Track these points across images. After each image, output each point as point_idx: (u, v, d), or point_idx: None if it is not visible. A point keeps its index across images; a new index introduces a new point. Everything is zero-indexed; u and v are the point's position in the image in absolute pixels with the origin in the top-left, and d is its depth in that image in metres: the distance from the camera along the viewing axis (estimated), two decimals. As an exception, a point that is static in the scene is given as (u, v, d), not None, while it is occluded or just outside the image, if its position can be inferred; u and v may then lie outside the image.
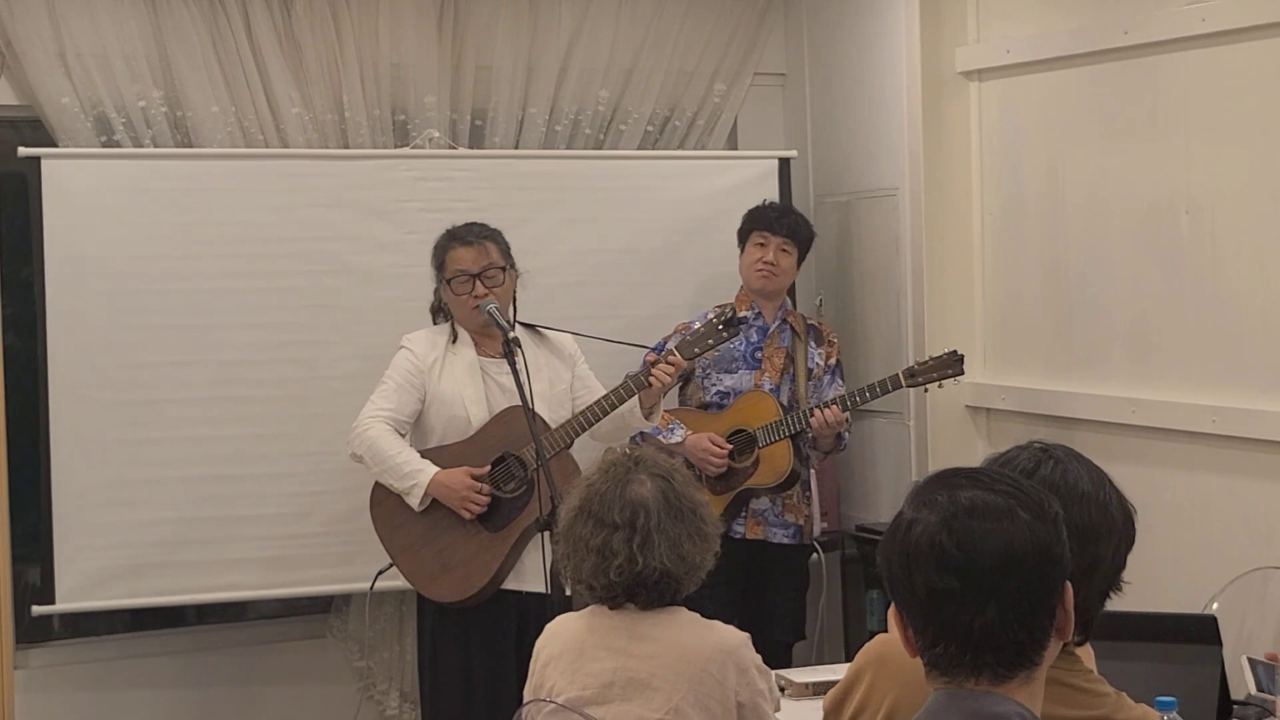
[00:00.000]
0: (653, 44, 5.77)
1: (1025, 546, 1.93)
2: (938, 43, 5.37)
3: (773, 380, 5.13)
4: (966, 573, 1.92)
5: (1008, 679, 1.95)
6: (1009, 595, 1.92)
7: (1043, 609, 1.95)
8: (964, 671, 1.95)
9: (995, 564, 1.92)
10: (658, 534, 3.01)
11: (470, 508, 4.51)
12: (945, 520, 1.94)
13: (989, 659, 1.94)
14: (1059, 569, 1.96)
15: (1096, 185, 4.91)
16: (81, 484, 4.90)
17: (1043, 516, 1.96)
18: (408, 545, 4.61)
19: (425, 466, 4.53)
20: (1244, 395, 4.44)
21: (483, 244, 4.62)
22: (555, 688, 3.06)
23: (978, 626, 1.93)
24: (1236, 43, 4.42)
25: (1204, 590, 4.17)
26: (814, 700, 3.49)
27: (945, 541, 1.93)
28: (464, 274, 4.58)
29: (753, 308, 5.17)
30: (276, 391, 5.08)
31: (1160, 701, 2.59)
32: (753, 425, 5.02)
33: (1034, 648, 1.95)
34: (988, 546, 1.93)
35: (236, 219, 5.06)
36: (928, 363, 4.99)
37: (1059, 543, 1.96)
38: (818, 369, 5.21)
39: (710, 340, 4.69)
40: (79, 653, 5.35)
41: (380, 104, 5.44)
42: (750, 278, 5.15)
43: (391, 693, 5.53)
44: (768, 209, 5.21)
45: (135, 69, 5.17)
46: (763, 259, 5.11)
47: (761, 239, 5.13)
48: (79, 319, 4.91)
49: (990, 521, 1.94)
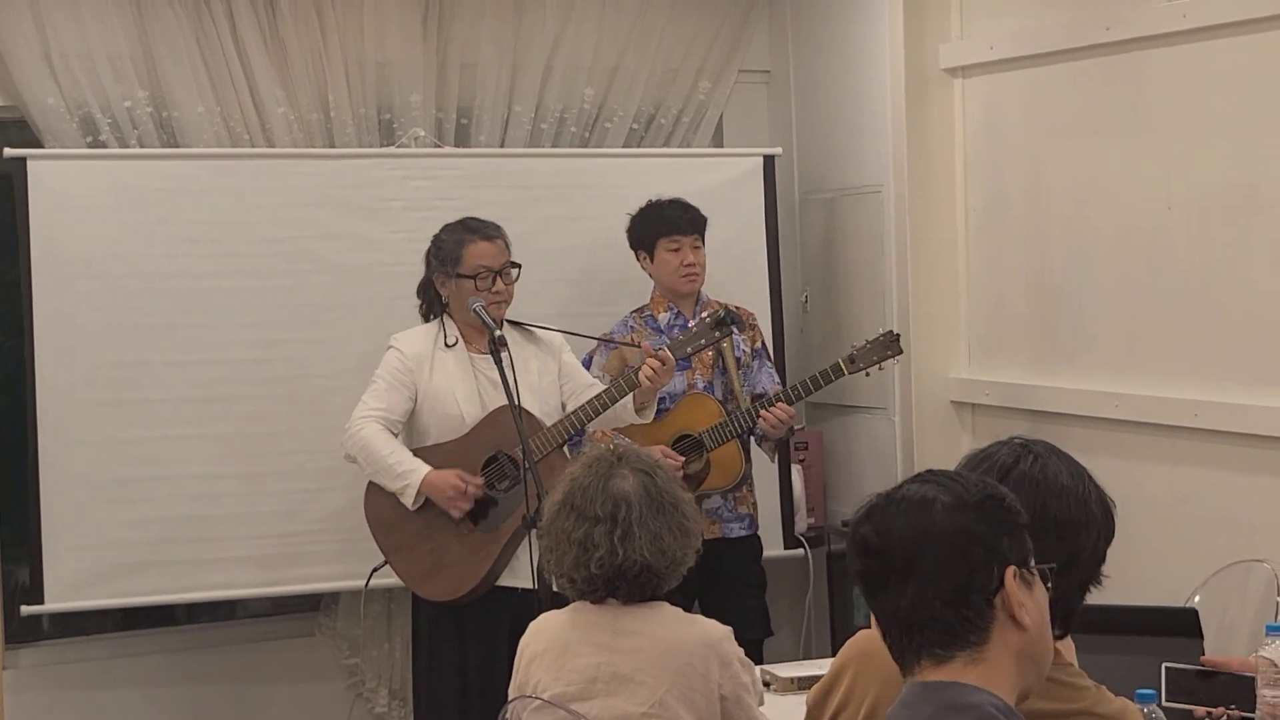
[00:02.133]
0: (638, 41, 5.78)
1: (938, 526, 2.01)
2: (921, 39, 5.38)
3: (705, 377, 5.09)
4: (880, 555, 2.04)
5: (947, 660, 2.01)
6: (924, 573, 2.00)
7: (970, 589, 2.00)
8: (910, 657, 2.04)
9: (905, 544, 2.02)
10: (639, 527, 3.02)
11: (460, 506, 4.52)
12: (870, 511, 2.07)
13: (920, 639, 2.02)
14: (984, 550, 2.01)
15: (1080, 181, 4.93)
16: (70, 483, 4.90)
17: (962, 503, 2.03)
18: (401, 544, 4.62)
19: (418, 466, 4.54)
20: (1226, 390, 4.46)
21: (500, 239, 4.64)
22: (540, 684, 3.08)
23: (903, 608, 2.02)
24: (1218, 38, 4.44)
25: (1185, 583, 4.20)
26: (799, 695, 3.50)
27: (866, 529, 2.06)
28: (487, 270, 4.58)
29: (670, 308, 5.12)
30: (264, 390, 5.08)
31: (1141, 694, 2.61)
32: (697, 429, 4.99)
33: (966, 628, 2.01)
34: (898, 527, 2.03)
35: (223, 219, 5.06)
36: (865, 346, 4.96)
37: (985, 526, 2.02)
38: (745, 356, 5.15)
39: (703, 340, 4.68)
40: (68, 652, 5.36)
41: (365, 103, 5.45)
42: (677, 284, 5.07)
43: (381, 690, 5.54)
44: (666, 210, 5.08)
45: (120, 69, 5.18)
46: (684, 262, 5.04)
47: (674, 244, 5.04)
48: (66, 319, 4.92)
49: (905, 506, 2.04)
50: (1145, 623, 3.24)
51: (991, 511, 2.04)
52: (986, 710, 1.95)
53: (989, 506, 2.04)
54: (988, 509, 2.04)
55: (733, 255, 5.48)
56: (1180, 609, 3.65)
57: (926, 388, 5.44)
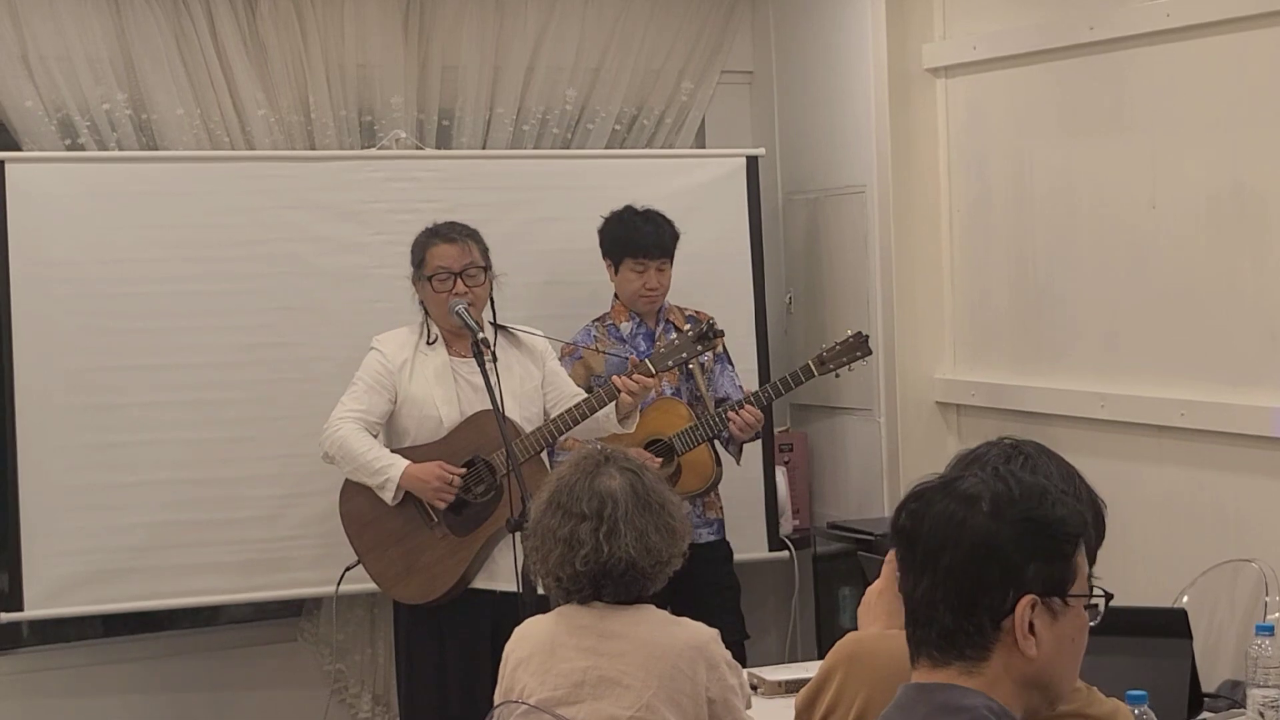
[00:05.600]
0: (619, 43, 5.77)
1: (965, 531, 1.95)
2: (904, 40, 5.38)
3: (671, 383, 5.05)
4: (907, 539, 1.99)
5: (943, 665, 1.97)
6: (938, 573, 1.95)
7: (978, 604, 1.94)
8: (913, 648, 2.01)
9: (929, 537, 1.96)
10: (625, 524, 3.01)
11: (445, 496, 4.50)
12: (920, 492, 2.01)
13: (922, 635, 1.99)
14: (1005, 571, 1.93)
15: (1063, 180, 4.93)
16: (49, 489, 4.87)
17: (999, 515, 1.95)
18: (374, 545, 4.61)
19: (396, 460, 4.52)
20: (1212, 389, 4.45)
21: (465, 242, 4.62)
22: (526, 689, 3.06)
23: (915, 598, 1.99)
24: (1201, 38, 4.44)
25: (1174, 583, 4.19)
26: (786, 698, 3.49)
27: (908, 509, 2.01)
28: (445, 271, 4.57)
29: (633, 317, 5.08)
30: (245, 394, 5.06)
31: (1131, 695, 2.60)
32: (667, 433, 4.96)
33: (964, 640, 1.95)
34: (930, 519, 1.97)
35: (203, 222, 5.03)
36: (835, 348, 4.94)
37: (1013, 545, 1.93)
38: (708, 361, 5.12)
39: (684, 354, 4.66)
40: (49, 659, 5.32)
41: (346, 105, 5.43)
42: (635, 303, 5.03)
43: (364, 696, 5.52)
44: (635, 227, 4.99)
45: (99, 72, 5.15)
46: (646, 285, 5.00)
47: (639, 266, 4.99)
48: (45, 323, 4.88)
49: (948, 499, 1.98)
50: (1134, 623, 3.22)
51: (1027, 534, 1.94)
52: (980, 714, 1.91)
53: (1026, 528, 1.94)
54: (1024, 530, 1.94)
55: (716, 257, 5.47)
56: (1169, 609, 3.65)
57: (911, 389, 5.43)
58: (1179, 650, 3.24)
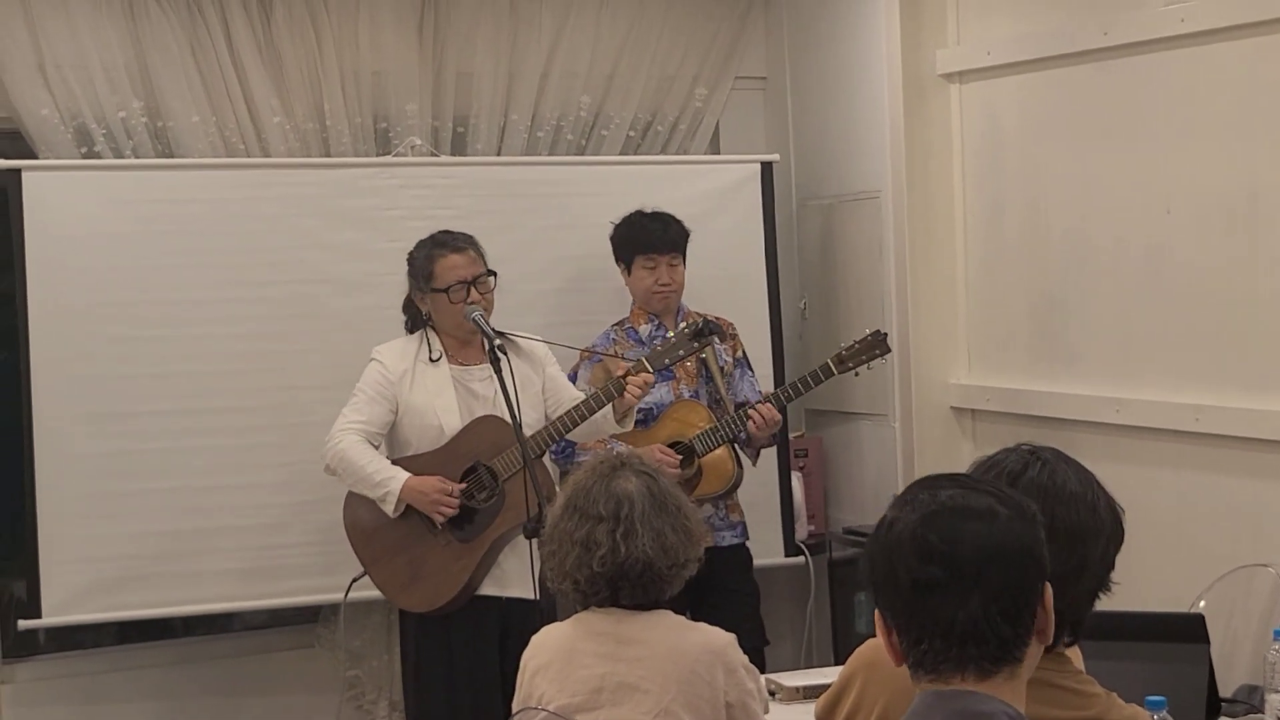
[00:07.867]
0: (633, 49, 5.77)
1: (1007, 541, 1.96)
2: (918, 45, 5.38)
3: (690, 387, 5.07)
4: (949, 562, 1.95)
5: (992, 674, 1.97)
6: (992, 587, 1.95)
7: (1025, 606, 1.97)
8: (949, 667, 1.97)
9: (977, 555, 1.95)
10: (641, 524, 3.03)
11: (444, 511, 4.51)
12: (926, 516, 1.99)
13: (973, 653, 1.96)
14: (1039, 568, 1.98)
15: (1079, 185, 4.93)
16: (66, 497, 4.87)
17: (1022, 515, 1.99)
18: (379, 555, 4.61)
19: (397, 473, 4.52)
20: (1227, 393, 4.45)
21: (470, 250, 4.62)
22: (545, 696, 3.06)
23: (961, 619, 1.95)
24: (1216, 43, 4.44)
25: (1190, 589, 4.19)
26: (805, 704, 3.49)
27: (927, 534, 1.97)
28: (461, 282, 4.57)
29: (651, 319, 5.09)
30: (260, 401, 5.06)
31: (1150, 701, 2.60)
32: (687, 435, 4.97)
33: (1017, 644, 1.97)
34: (969, 538, 1.96)
35: (218, 229, 5.03)
36: (854, 346, 4.95)
37: (1039, 543, 1.99)
38: (727, 365, 5.14)
39: (681, 352, 4.67)
40: (66, 666, 5.33)
41: (361, 112, 5.44)
42: (649, 301, 5.06)
43: (381, 702, 5.52)
44: (642, 226, 5.05)
45: (115, 79, 5.16)
46: (658, 281, 5.02)
47: (650, 262, 5.02)
48: (61, 331, 4.89)
49: (971, 517, 1.98)
50: (1151, 629, 3.23)
51: (1040, 529, 2.01)
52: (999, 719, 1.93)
53: (1038, 523, 2.01)
54: (1038, 526, 2.01)
55: (730, 262, 5.48)
56: (1186, 614, 3.64)
57: (926, 394, 5.43)
58: (1196, 655, 3.24)
